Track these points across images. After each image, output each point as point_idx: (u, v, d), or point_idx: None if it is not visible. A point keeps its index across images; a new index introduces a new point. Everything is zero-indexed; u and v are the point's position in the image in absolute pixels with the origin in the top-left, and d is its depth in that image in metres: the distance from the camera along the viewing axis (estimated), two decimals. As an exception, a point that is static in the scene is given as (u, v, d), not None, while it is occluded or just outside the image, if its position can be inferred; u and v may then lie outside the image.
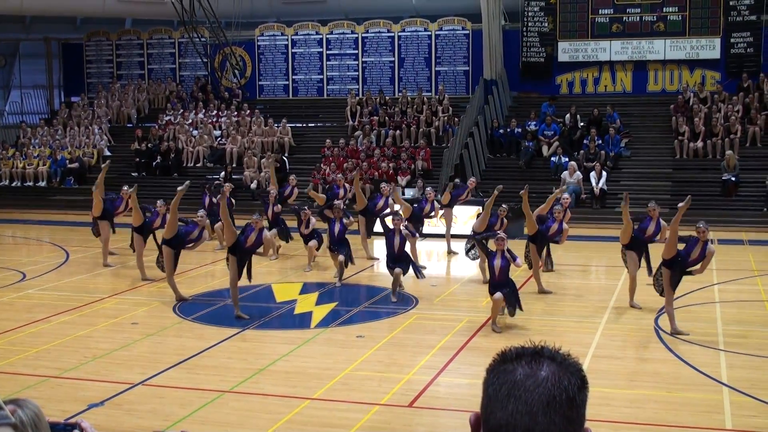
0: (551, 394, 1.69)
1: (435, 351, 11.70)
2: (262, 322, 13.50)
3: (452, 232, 19.97)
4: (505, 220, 16.54)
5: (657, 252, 13.29)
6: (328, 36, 32.35)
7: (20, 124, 33.99)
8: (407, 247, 15.69)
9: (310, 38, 32.61)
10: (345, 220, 16.86)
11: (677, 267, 12.32)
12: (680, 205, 12.95)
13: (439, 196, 20.44)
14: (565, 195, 17.55)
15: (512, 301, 12.63)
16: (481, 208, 18.64)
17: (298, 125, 30.59)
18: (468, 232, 18.03)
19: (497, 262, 12.62)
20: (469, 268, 17.89)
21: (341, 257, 16.09)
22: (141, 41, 34.90)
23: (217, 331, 12.91)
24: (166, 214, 15.80)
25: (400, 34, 31.60)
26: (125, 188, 18.28)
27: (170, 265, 14.67)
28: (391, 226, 15.28)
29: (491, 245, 13.26)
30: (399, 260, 14.94)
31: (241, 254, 13.65)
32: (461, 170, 25.23)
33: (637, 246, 13.97)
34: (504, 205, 17.07)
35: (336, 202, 17.83)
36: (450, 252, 19.66)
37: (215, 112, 31.55)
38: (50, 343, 12.28)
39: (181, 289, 15.07)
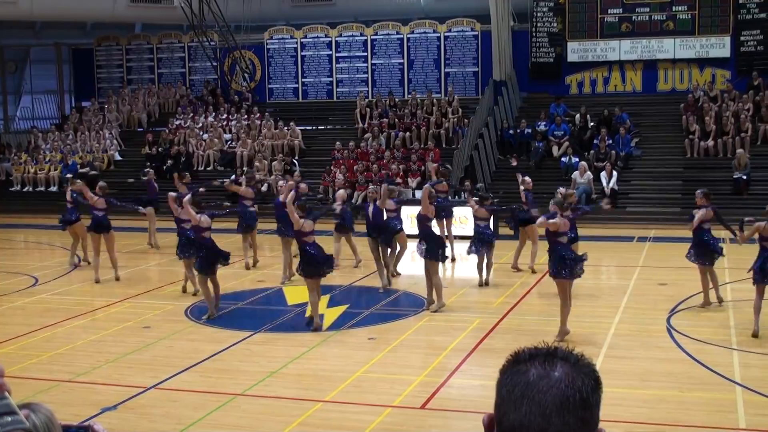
0: (565, 395, 1.69)
1: (447, 352, 11.69)
2: (274, 325, 13.51)
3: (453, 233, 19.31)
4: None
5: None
6: (337, 39, 32.38)
7: (31, 129, 34.14)
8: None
9: (319, 41, 32.64)
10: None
11: None
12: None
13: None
14: (526, 178, 17.72)
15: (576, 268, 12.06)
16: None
17: (308, 128, 30.59)
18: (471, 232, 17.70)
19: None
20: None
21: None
22: (151, 46, 34.98)
23: (229, 334, 12.93)
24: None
25: (409, 35, 31.59)
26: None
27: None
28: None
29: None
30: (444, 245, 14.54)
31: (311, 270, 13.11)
32: (472, 171, 25.21)
33: None
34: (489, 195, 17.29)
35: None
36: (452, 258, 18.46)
37: (225, 115, 31.59)
38: (63, 348, 12.33)
39: (190, 292, 15.12)
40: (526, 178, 17.73)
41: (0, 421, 1.38)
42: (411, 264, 17.92)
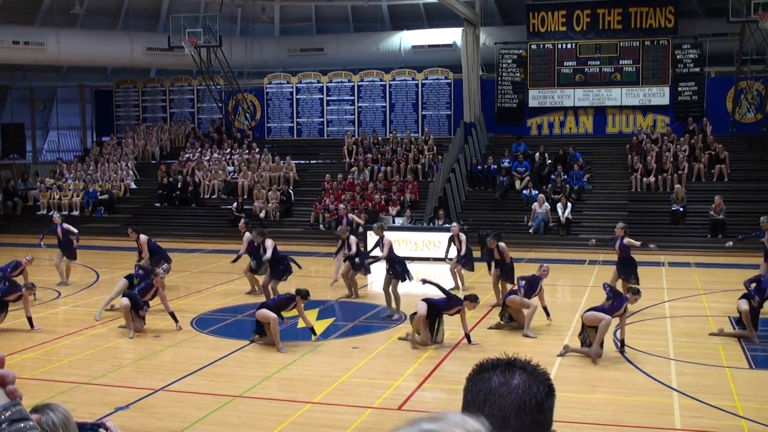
0: (522, 400, 1.70)
1: (421, 360, 11.66)
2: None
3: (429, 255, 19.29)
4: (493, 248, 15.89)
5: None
6: (328, 84, 32.47)
7: (57, 160, 33.96)
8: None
9: (312, 86, 32.72)
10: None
11: None
12: None
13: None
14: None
15: None
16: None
17: (301, 162, 30.59)
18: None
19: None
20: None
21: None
22: (164, 88, 34.95)
23: (230, 342, 12.85)
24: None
25: (390, 82, 31.74)
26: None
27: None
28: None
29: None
30: None
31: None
32: (444, 202, 25.28)
33: None
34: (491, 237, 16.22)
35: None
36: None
37: (229, 150, 31.56)
38: (82, 354, 12.21)
39: (196, 305, 15.03)
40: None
41: (15, 426, 1.37)
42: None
